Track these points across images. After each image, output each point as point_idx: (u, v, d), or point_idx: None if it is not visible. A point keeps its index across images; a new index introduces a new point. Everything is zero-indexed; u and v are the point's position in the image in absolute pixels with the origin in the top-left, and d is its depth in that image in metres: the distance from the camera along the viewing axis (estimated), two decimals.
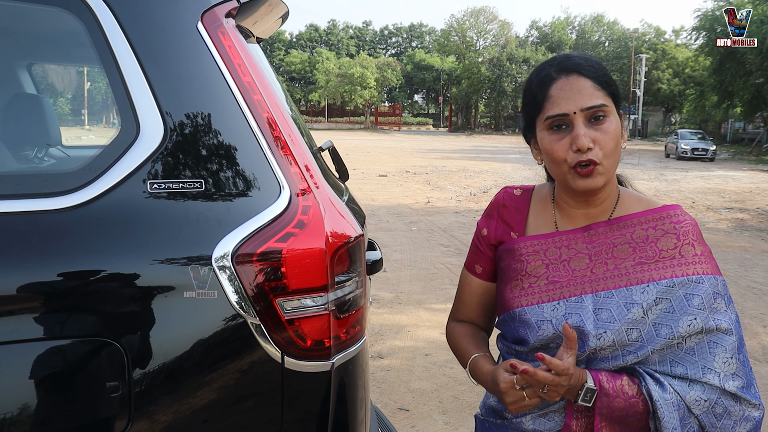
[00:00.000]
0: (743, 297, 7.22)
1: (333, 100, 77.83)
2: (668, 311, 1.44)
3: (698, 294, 1.44)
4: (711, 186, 20.03)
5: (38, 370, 1.44)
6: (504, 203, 1.67)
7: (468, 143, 49.63)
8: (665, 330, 1.43)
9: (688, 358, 1.42)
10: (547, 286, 1.53)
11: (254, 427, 1.60)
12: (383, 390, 4.53)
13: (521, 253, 1.58)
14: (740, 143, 48.62)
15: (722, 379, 1.40)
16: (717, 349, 1.42)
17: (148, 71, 1.58)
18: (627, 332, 1.44)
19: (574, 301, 1.49)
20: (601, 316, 1.46)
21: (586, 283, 1.50)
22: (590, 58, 1.50)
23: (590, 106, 1.41)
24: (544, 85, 1.47)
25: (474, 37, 79.64)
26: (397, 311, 6.44)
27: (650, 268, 1.48)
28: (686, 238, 1.49)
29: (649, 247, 1.50)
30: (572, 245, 1.54)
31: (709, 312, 1.43)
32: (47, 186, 1.51)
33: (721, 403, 1.40)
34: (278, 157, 1.61)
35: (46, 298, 1.45)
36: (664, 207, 1.54)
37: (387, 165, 25.41)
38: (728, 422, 1.41)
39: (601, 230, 1.53)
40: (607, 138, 1.41)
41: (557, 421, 1.51)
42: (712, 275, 1.47)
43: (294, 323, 1.56)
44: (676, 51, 72.11)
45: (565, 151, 1.43)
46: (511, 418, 1.57)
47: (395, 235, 10.58)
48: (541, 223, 1.61)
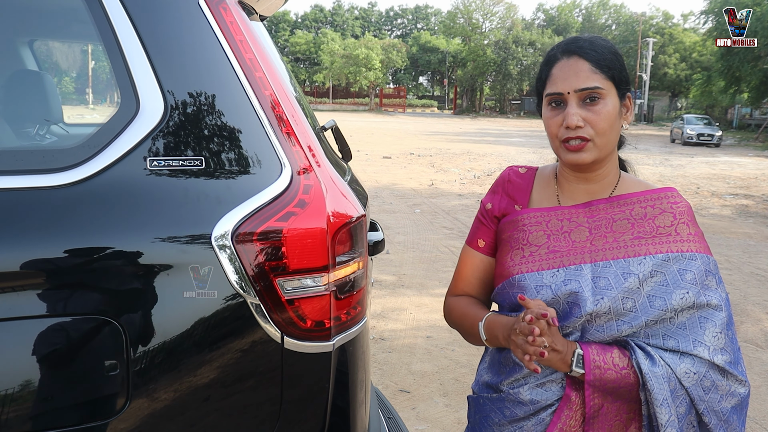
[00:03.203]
0: (747, 283, 7.20)
1: (338, 81, 77.65)
2: (662, 284, 1.51)
3: (691, 270, 1.52)
4: (716, 172, 19.96)
5: (36, 348, 1.43)
6: (509, 179, 1.75)
7: (472, 126, 49.48)
8: (659, 302, 1.50)
9: (679, 332, 1.49)
10: (548, 254, 1.60)
11: (253, 407, 1.59)
12: (384, 372, 4.54)
13: (524, 223, 1.65)
14: (746, 129, 48.33)
15: (711, 353, 1.47)
16: (707, 324, 1.50)
17: (148, 46, 1.55)
18: (623, 300, 1.50)
19: (573, 269, 1.56)
20: (599, 283, 1.53)
21: (585, 253, 1.58)
22: (597, 42, 1.56)
23: (583, 87, 1.50)
24: (549, 64, 1.58)
25: (480, 19, 79.17)
26: (399, 293, 6.45)
27: (647, 243, 1.55)
28: (682, 218, 1.58)
29: (647, 223, 1.58)
30: (573, 218, 1.62)
31: (701, 288, 1.51)
32: (46, 162, 1.49)
33: (709, 377, 1.47)
34: (280, 135, 1.60)
35: (44, 275, 1.44)
36: (663, 189, 1.63)
37: (391, 147, 25.36)
38: (715, 396, 1.48)
39: (601, 206, 1.61)
40: (598, 118, 1.50)
41: (554, 391, 1.55)
42: (704, 254, 1.55)
43: (294, 303, 1.55)
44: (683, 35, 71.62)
45: (558, 127, 1.53)
46: (508, 390, 1.60)
47: (398, 217, 10.57)
48: (544, 198, 1.69)
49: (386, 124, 45.86)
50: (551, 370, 1.55)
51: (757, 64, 39.04)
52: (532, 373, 1.53)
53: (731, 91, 45.45)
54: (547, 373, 1.55)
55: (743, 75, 40.59)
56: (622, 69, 1.56)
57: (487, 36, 77.00)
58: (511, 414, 1.60)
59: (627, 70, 1.60)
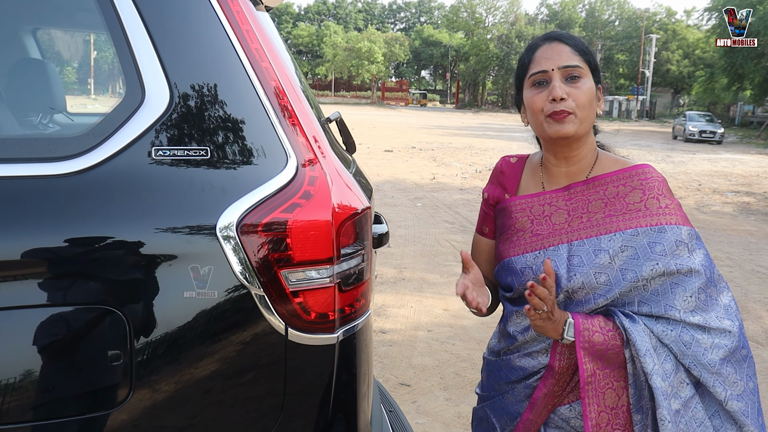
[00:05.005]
0: (748, 281, 7.20)
1: (340, 74, 77.49)
2: (633, 257, 1.63)
3: (660, 242, 1.63)
4: (718, 169, 19.93)
5: (40, 337, 1.42)
6: (502, 169, 1.92)
7: (474, 120, 49.40)
8: (630, 274, 1.62)
9: (652, 299, 1.62)
10: (531, 238, 1.76)
11: (256, 399, 1.59)
12: (385, 365, 4.54)
13: (511, 210, 1.81)
14: (749, 126, 48.25)
15: (683, 314, 1.60)
16: (677, 289, 1.61)
17: (154, 35, 1.54)
18: (595, 275, 1.64)
19: (552, 250, 1.71)
20: (573, 261, 1.67)
21: (563, 234, 1.72)
22: (573, 35, 1.75)
23: (566, 65, 1.66)
24: (531, 51, 1.74)
25: (483, 14, 78.98)
26: (400, 287, 6.45)
27: (618, 220, 1.67)
28: (651, 193, 1.68)
29: (618, 201, 1.69)
30: (554, 203, 1.76)
31: (671, 258, 1.61)
32: (51, 150, 1.48)
33: (687, 332, 1.60)
34: (285, 126, 1.59)
35: (48, 264, 1.44)
36: (635, 166, 1.73)
37: (393, 140, 25.33)
38: (698, 349, 1.59)
39: (579, 189, 1.74)
40: (580, 93, 1.64)
41: (540, 360, 1.73)
42: (675, 225, 1.65)
43: (298, 295, 1.54)
44: (686, 32, 71.46)
45: (543, 102, 1.66)
46: (503, 356, 1.83)
47: (400, 211, 10.56)
48: (531, 184, 1.84)
49: (388, 118, 45.81)
50: (538, 342, 1.73)
51: (760, 62, 38.95)
52: (523, 344, 1.76)
53: (734, 89, 45.33)
54: (534, 345, 1.74)
55: (746, 72, 40.47)
56: (595, 59, 1.73)
57: (490, 30, 76.83)
58: (506, 377, 1.81)
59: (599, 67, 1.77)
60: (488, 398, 1.91)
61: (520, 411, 1.78)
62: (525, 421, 1.77)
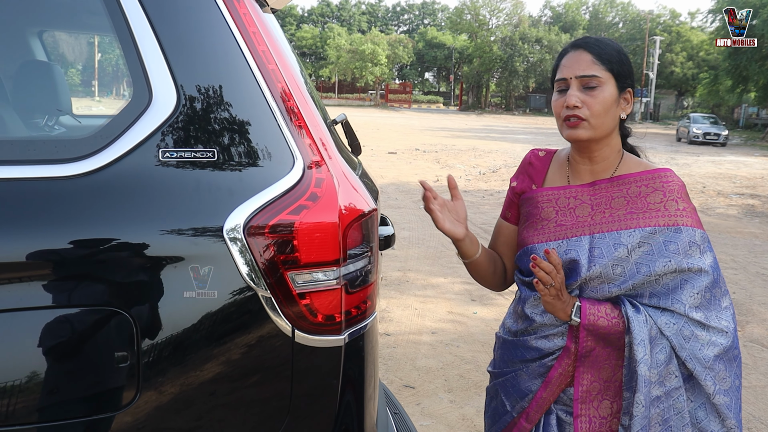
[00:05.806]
0: (752, 283, 7.18)
1: (343, 76, 77.52)
2: (648, 253, 1.76)
3: (675, 242, 1.76)
4: (722, 171, 19.90)
5: (47, 339, 1.42)
6: (530, 161, 2.04)
7: (478, 122, 49.38)
8: (644, 269, 1.75)
9: (662, 292, 1.76)
10: (555, 228, 1.88)
11: (263, 400, 1.59)
12: (389, 367, 4.54)
13: (538, 201, 1.94)
14: (753, 128, 48.19)
15: (687, 309, 1.73)
16: (686, 285, 1.75)
17: (161, 37, 1.54)
18: (612, 267, 1.77)
19: (574, 240, 1.84)
20: (594, 252, 1.80)
21: (585, 226, 1.84)
22: (603, 40, 1.84)
23: (582, 75, 1.77)
24: (560, 57, 1.87)
25: (487, 16, 78.97)
26: (404, 289, 6.44)
27: (638, 217, 1.80)
28: (671, 195, 1.81)
29: (640, 200, 1.82)
30: (579, 196, 1.89)
31: (683, 257, 1.74)
32: (58, 152, 1.48)
33: (687, 328, 1.74)
34: (292, 128, 1.59)
35: (55, 266, 1.44)
36: (658, 169, 1.86)
37: (396, 142, 25.32)
38: (696, 344, 1.74)
39: (604, 186, 1.87)
40: (594, 102, 1.76)
41: (556, 342, 1.85)
42: (691, 227, 1.78)
43: (305, 297, 1.54)
44: (690, 34, 71.38)
45: (561, 107, 1.80)
46: (521, 336, 1.94)
47: (403, 213, 10.56)
48: (557, 178, 1.97)
49: (392, 120, 45.81)
50: (554, 326, 1.85)
51: (764, 64, 38.89)
52: (541, 326, 1.87)
53: (738, 91, 45.27)
54: (551, 329, 1.86)
55: (750, 74, 40.42)
56: (622, 64, 1.81)
57: (494, 32, 76.80)
58: (521, 355, 1.93)
59: (632, 68, 1.85)
60: (500, 375, 2.02)
61: (532, 388, 1.90)
62: (538, 399, 1.89)
